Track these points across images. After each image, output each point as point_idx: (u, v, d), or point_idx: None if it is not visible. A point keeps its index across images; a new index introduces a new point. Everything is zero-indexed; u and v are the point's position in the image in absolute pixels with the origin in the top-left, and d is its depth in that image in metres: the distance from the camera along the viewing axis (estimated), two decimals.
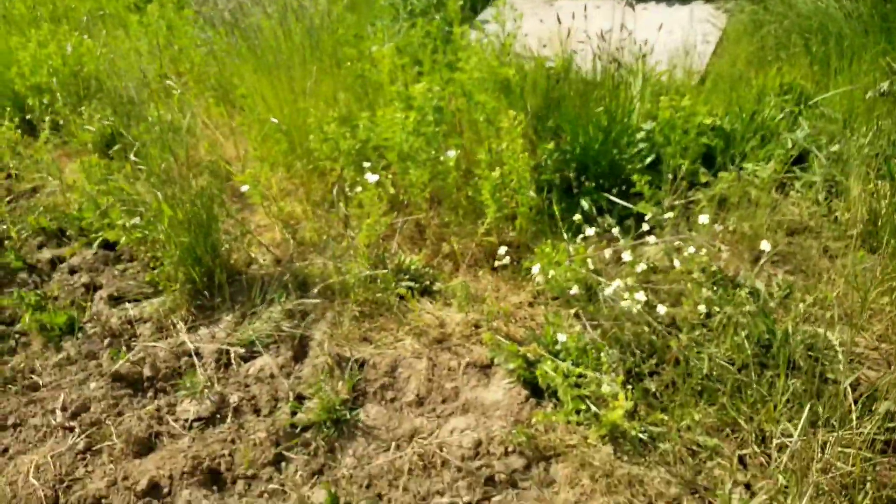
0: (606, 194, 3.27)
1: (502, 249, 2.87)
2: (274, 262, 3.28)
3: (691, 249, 2.55)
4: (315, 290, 2.99)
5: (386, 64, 3.30)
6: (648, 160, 3.46)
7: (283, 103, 3.58)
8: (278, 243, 3.39)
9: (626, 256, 2.61)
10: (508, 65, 3.25)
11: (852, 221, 3.11)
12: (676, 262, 2.62)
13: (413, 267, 3.11)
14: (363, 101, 3.63)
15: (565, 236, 3.20)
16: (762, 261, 2.94)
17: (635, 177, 2.86)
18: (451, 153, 2.97)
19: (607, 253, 2.84)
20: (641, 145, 3.49)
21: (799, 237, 3.18)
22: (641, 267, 2.61)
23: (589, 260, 2.76)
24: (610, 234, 3.19)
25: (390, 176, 3.15)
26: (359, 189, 3.02)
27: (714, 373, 2.36)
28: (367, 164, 3.02)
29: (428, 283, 3.06)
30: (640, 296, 2.41)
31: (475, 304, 2.88)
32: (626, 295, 2.43)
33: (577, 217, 2.93)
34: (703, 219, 2.71)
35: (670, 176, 3.25)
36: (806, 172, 3.50)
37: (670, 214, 2.98)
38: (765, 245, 2.62)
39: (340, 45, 3.86)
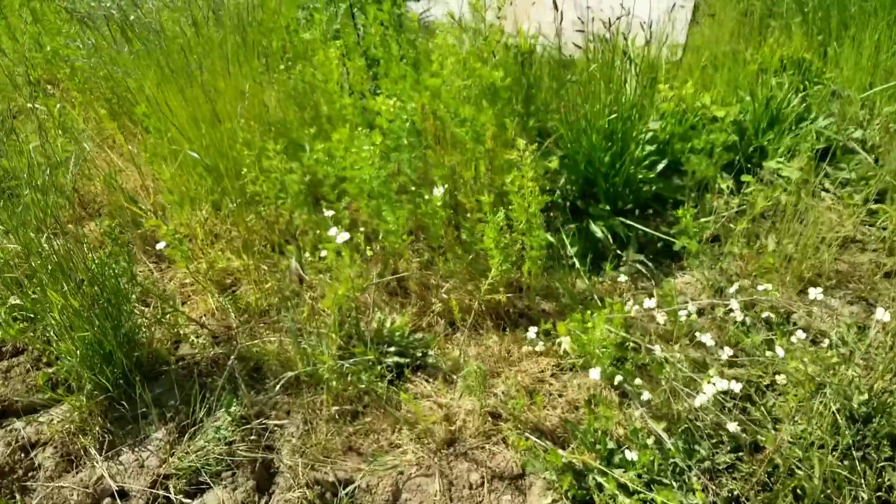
0: (623, 219, 2.67)
1: (532, 332, 2.23)
2: (211, 342, 2.53)
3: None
4: (276, 385, 2.28)
5: (334, 71, 2.54)
6: (660, 166, 2.88)
7: (201, 122, 2.76)
8: (213, 311, 2.63)
9: (707, 340, 2.01)
10: (493, 61, 2.56)
11: None
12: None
13: (397, 332, 2.43)
14: (305, 113, 2.86)
15: (583, 275, 2.60)
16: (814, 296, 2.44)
17: (680, 211, 2.26)
18: (438, 190, 2.28)
19: (647, 304, 2.25)
20: (648, 148, 2.90)
21: (847, 252, 2.68)
22: (709, 342, 2.03)
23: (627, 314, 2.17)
24: (631, 267, 2.61)
25: (361, 230, 2.44)
26: (317, 236, 2.30)
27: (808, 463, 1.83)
28: (328, 213, 2.29)
29: (420, 353, 2.40)
30: (721, 382, 1.83)
31: (485, 377, 2.24)
32: (703, 381, 1.85)
33: (610, 266, 2.32)
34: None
35: (690, 189, 2.69)
36: (835, 168, 3.00)
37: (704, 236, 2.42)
38: (814, 293, 2.07)
39: (266, 36, 3.05)
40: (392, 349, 2.38)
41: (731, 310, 2.22)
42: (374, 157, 2.18)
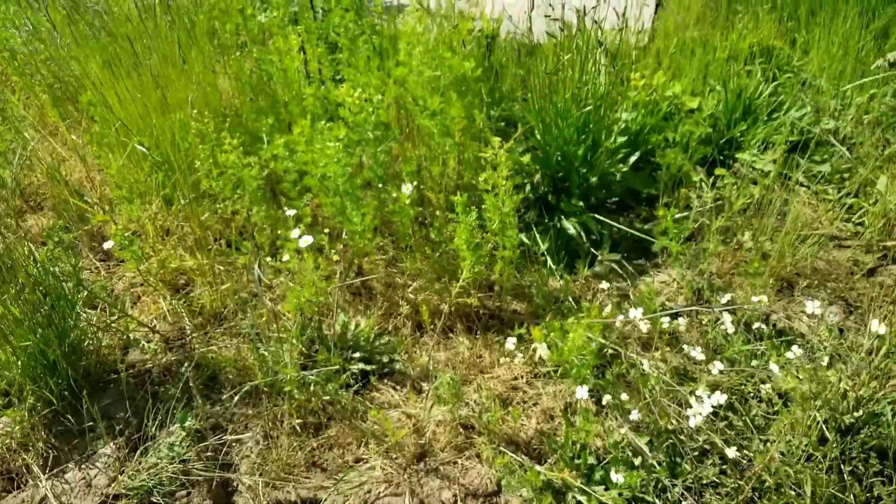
0: (596, 215, 2.58)
1: (510, 342, 2.13)
2: (164, 347, 2.37)
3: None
4: (233, 396, 2.14)
5: (294, 58, 2.38)
6: (633, 159, 2.79)
7: (151, 111, 2.58)
8: (166, 313, 2.47)
9: (697, 354, 1.94)
10: (464, 51, 2.43)
11: (887, 227, 2.60)
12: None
13: (363, 337, 2.31)
14: (262, 101, 2.69)
15: (556, 274, 2.51)
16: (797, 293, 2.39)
17: (661, 211, 2.17)
18: (406, 188, 2.15)
19: (631, 314, 2.16)
20: (620, 139, 2.80)
21: (824, 249, 2.64)
22: (698, 356, 1.95)
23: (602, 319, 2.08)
24: (605, 266, 2.53)
25: (325, 231, 2.30)
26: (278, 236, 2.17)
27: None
28: (290, 212, 2.14)
29: (386, 359, 2.28)
30: (709, 398, 1.75)
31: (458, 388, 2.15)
32: (692, 399, 1.77)
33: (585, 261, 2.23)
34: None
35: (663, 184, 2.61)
36: (809, 160, 2.96)
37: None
38: (812, 307, 1.98)
39: (219, 19, 2.85)
40: (357, 355, 2.26)
41: (717, 319, 2.16)
42: (339, 153, 2.04)
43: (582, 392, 1.85)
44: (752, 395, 1.96)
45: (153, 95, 2.55)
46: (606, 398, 1.95)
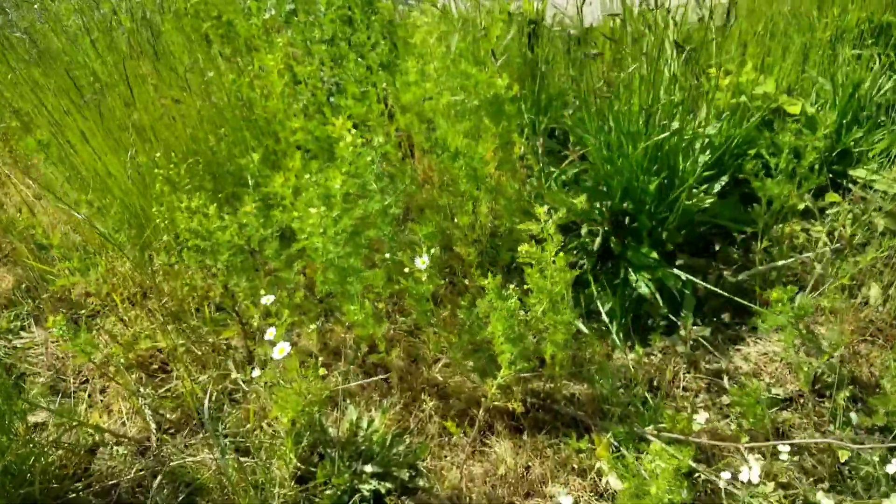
0: (675, 269, 1.99)
1: (566, 501, 1.58)
2: (135, 451, 1.91)
3: None
4: None
5: (276, 83, 1.84)
6: (718, 187, 2.18)
7: (110, 150, 2.09)
8: (137, 408, 2.00)
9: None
10: (493, 63, 1.86)
11: None
12: None
13: (377, 440, 1.80)
14: (244, 133, 2.17)
15: (621, 346, 1.95)
16: None
17: (775, 294, 1.56)
18: (422, 261, 1.61)
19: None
20: (702, 159, 2.19)
21: None
22: None
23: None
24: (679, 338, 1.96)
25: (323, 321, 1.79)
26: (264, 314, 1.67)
27: None
28: (266, 300, 1.63)
29: (406, 474, 1.77)
30: None
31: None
32: None
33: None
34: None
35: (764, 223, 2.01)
36: None
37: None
38: None
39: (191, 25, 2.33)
40: (369, 469, 1.75)
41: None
42: (328, 222, 1.51)
43: (612, 482, 1.31)
44: None
45: (113, 136, 2.06)
46: None
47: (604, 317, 2.00)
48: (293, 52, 2.05)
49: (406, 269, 1.68)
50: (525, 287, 1.56)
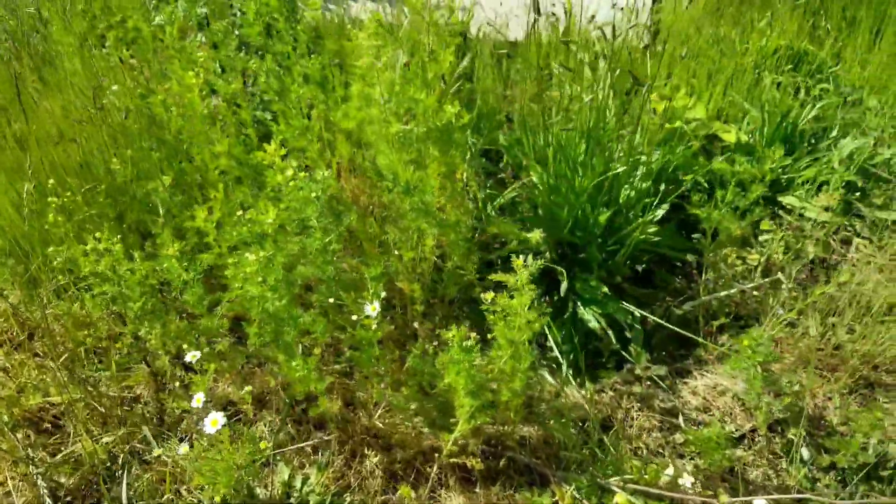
0: (624, 303, 1.92)
1: None
2: None
3: None
4: None
5: (196, 104, 1.61)
6: (660, 213, 2.15)
7: None
8: (26, 476, 1.71)
9: None
10: (440, 85, 1.72)
11: None
12: None
13: (314, 502, 1.62)
14: (158, 152, 1.91)
15: (572, 383, 1.86)
16: None
17: (745, 341, 1.52)
18: (373, 308, 1.44)
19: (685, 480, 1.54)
20: (643, 185, 2.15)
21: None
22: None
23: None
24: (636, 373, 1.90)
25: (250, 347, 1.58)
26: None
27: None
28: (190, 357, 1.41)
29: None
30: None
31: None
32: None
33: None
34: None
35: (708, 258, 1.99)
36: (867, 204, 2.37)
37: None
38: None
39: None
40: None
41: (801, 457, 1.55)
42: (268, 271, 1.32)
43: None
44: None
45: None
46: None
47: (554, 352, 1.91)
48: (213, 65, 1.81)
49: (347, 312, 1.51)
50: (489, 336, 1.43)
